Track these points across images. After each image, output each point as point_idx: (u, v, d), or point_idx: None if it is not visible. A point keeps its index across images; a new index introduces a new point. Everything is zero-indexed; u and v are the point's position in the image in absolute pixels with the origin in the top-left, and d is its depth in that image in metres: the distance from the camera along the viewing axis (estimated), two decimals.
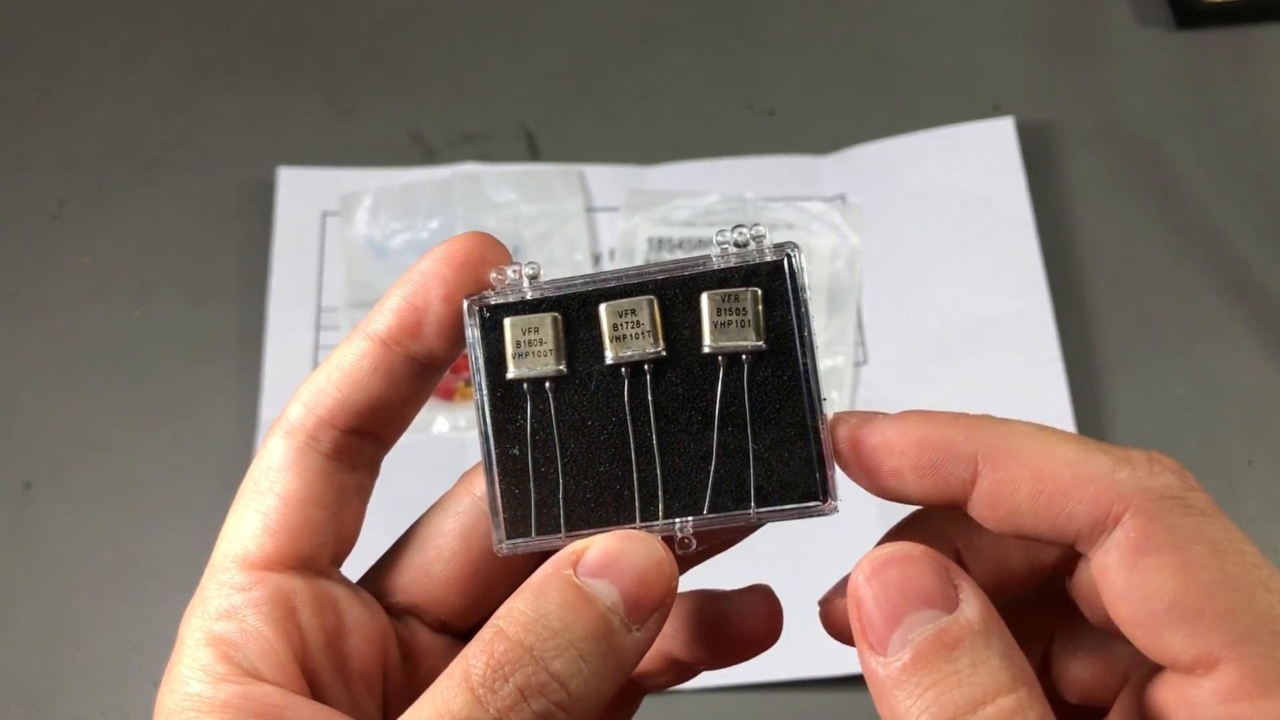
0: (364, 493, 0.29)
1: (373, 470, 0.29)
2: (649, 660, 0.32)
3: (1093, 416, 0.65)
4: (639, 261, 0.70)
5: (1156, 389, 0.67)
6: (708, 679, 0.59)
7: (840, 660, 0.59)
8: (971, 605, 0.23)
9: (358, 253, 0.70)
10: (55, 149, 0.75)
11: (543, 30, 0.79)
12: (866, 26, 0.79)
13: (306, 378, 0.28)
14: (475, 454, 0.62)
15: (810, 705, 0.59)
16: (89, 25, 0.79)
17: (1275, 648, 0.21)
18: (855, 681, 0.59)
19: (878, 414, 0.26)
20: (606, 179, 0.73)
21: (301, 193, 0.72)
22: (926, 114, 0.74)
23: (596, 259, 0.71)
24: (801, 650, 0.59)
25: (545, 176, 0.72)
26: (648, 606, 0.25)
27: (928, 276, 0.69)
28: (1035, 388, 0.66)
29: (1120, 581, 0.23)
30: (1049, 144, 0.74)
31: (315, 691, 0.27)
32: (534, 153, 0.75)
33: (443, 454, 0.64)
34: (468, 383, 0.68)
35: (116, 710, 0.60)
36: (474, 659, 0.24)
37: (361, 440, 0.28)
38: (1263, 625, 0.21)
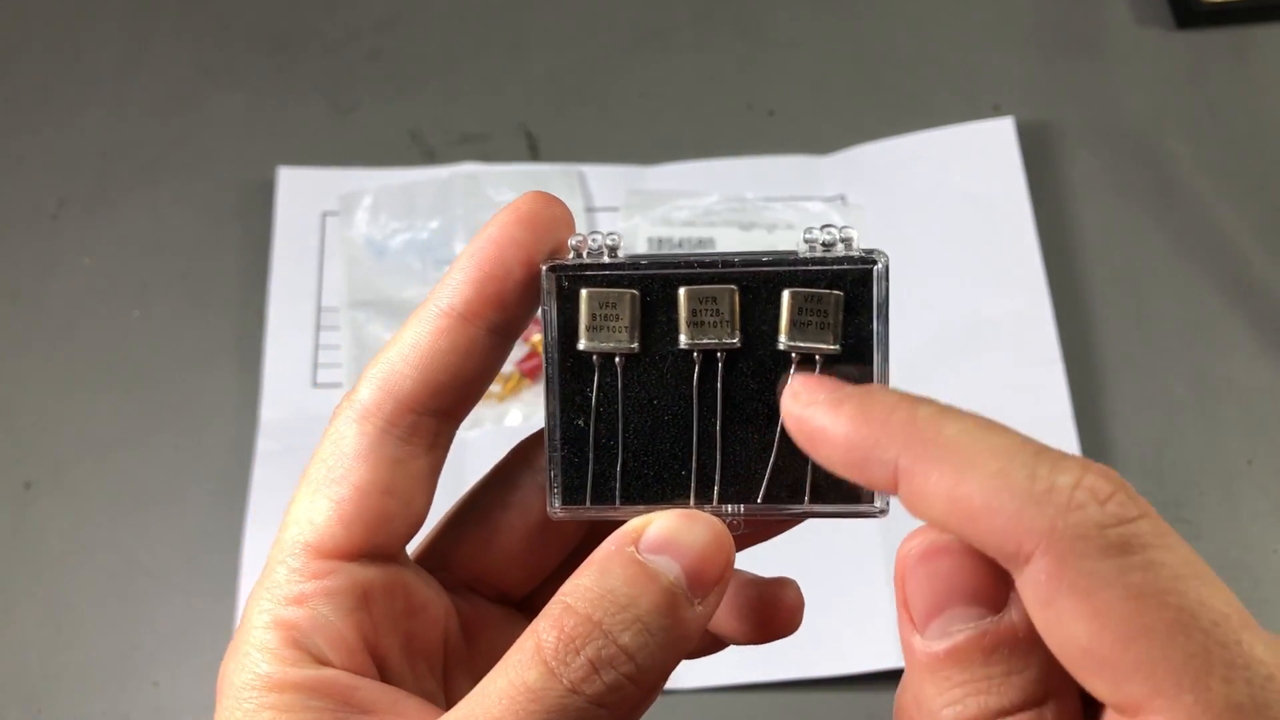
0: (436, 474, 0.28)
1: (446, 450, 0.29)
2: None
3: (1093, 416, 0.66)
4: None
5: (1156, 389, 0.67)
6: (707, 679, 0.59)
7: (841, 660, 0.59)
8: (1018, 610, 0.22)
9: (358, 253, 0.70)
10: (55, 149, 0.75)
11: (543, 30, 0.79)
12: (866, 26, 0.79)
13: (375, 358, 0.28)
14: (475, 454, 0.62)
15: (810, 705, 0.59)
16: (89, 25, 0.79)
17: (1206, 690, 0.20)
18: (855, 681, 0.59)
19: (823, 392, 0.25)
20: (606, 179, 0.73)
21: (301, 193, 0.72)
22: (926, 114, 0.74)
23: None
24: (801, 650, 0.60)
25: (545, 176, 0.72)
26: (709, 581, 0.25)
27: (928, 276, 0.69)
28: (1035, 388, 0.66)
29: (1038, 620, 0.22)
30: (1049, 144, 0.74)
31: (383, 673, 0.27)
32: (534, 153, 0.75)
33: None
34: None
35: (116, 710, 0.60)
36: (544, 634, 0.24)
37: (438, 421, 0.28)
38: (1189, 670, 0.20)
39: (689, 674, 0.59)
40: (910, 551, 0.24)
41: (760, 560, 0.32)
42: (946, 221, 0.71)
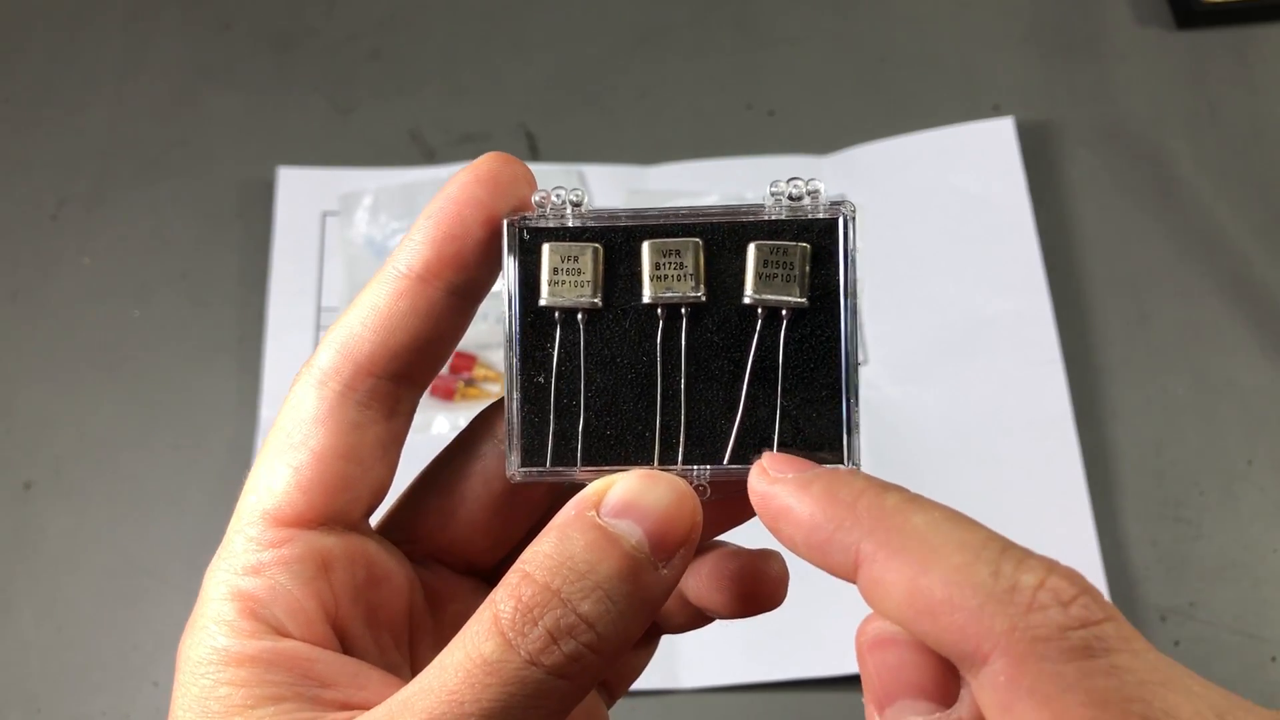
0: (399, 441, 0.28)
1: (409, 417, 0.28)
2: (670, 602, 0.31)
3: (1093, 416, 0.65)
4: None
5: (1156, 389, 0.67)
6: (707, 679, 0.59)
7: (840, 660, 0.59)
8: (968, 709, 0.22)
9: (358, 252, 0.70)
10: (55, 149, 0.75)
11: (543, 30, 0.79)
12: (866, 26, 0.79)
13: (335, 321, 0.27)
14: None
15: (810, 705, 0.59)
16: (89, 25, 0.79)
17: None
18: (855, 681, 0.59)
19: (791, 470, 0.25)
20: (606, 179, 0.73)
21: (301, 193, 0.72)
22: (926, 114, 0.74)
23: None
24: (801, 650, 0.60)
25: (545, 176, 0.72)
26: (672, 544, 0.24)
27: (928, 276, 0.69)
28: (1035, 388, 0.66)
29: None
30: (1049, 144, 0.74)
31: (345, 645, 0.26)
32: (534, 153, 0.74)
33: None
34: (468, 383, 0.68)
35: (116, 710, 0.60)
36: (502, 603, 0.23)
37: (398, 386, 0.27)
38: None
39: (689, 674, 0.59)
40: (864, 638, 0.24)
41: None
42: (946, 221, 0.71)
